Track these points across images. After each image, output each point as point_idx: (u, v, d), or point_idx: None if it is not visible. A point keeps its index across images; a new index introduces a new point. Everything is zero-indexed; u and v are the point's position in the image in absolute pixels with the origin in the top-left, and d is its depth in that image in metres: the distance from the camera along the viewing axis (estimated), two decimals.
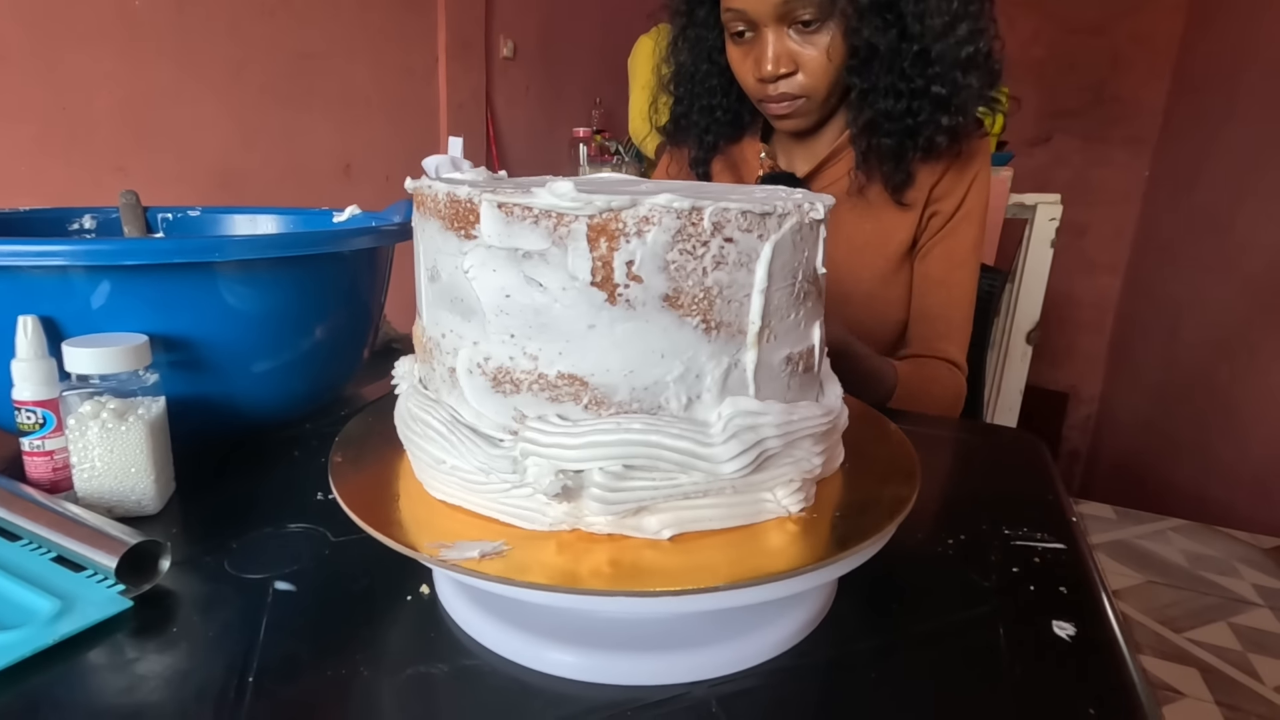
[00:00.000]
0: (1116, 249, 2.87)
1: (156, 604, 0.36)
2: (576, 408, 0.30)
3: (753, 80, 0.73)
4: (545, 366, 0.30)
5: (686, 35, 0.79)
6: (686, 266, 0.28)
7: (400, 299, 0.75)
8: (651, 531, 0.30)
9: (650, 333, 0.29)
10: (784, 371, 0.32)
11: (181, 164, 1.47)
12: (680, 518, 0.30)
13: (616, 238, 0.28)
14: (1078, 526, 0.45)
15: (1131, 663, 0.32)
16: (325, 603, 0.36)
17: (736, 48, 0.73)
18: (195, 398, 0.50)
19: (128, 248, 0.45)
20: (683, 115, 0.83)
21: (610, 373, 0.29)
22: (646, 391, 0.29)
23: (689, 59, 0.80)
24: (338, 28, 1.74)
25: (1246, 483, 1.92)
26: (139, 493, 0.43)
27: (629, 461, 0.29)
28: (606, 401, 0.30)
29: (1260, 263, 1.99)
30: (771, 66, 0.69)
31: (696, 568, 0.28)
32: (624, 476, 0.29)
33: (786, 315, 0.32)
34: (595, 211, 0.28)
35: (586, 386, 0.29)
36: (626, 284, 0.28)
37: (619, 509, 0.30)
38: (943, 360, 0.77)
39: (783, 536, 0.31)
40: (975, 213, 0.77)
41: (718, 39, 0.76)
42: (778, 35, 0.69)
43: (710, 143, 0.83)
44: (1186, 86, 2.58)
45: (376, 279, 0.63)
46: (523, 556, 0.29)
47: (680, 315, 0.29)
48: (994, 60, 0.70)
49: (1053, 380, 2.97)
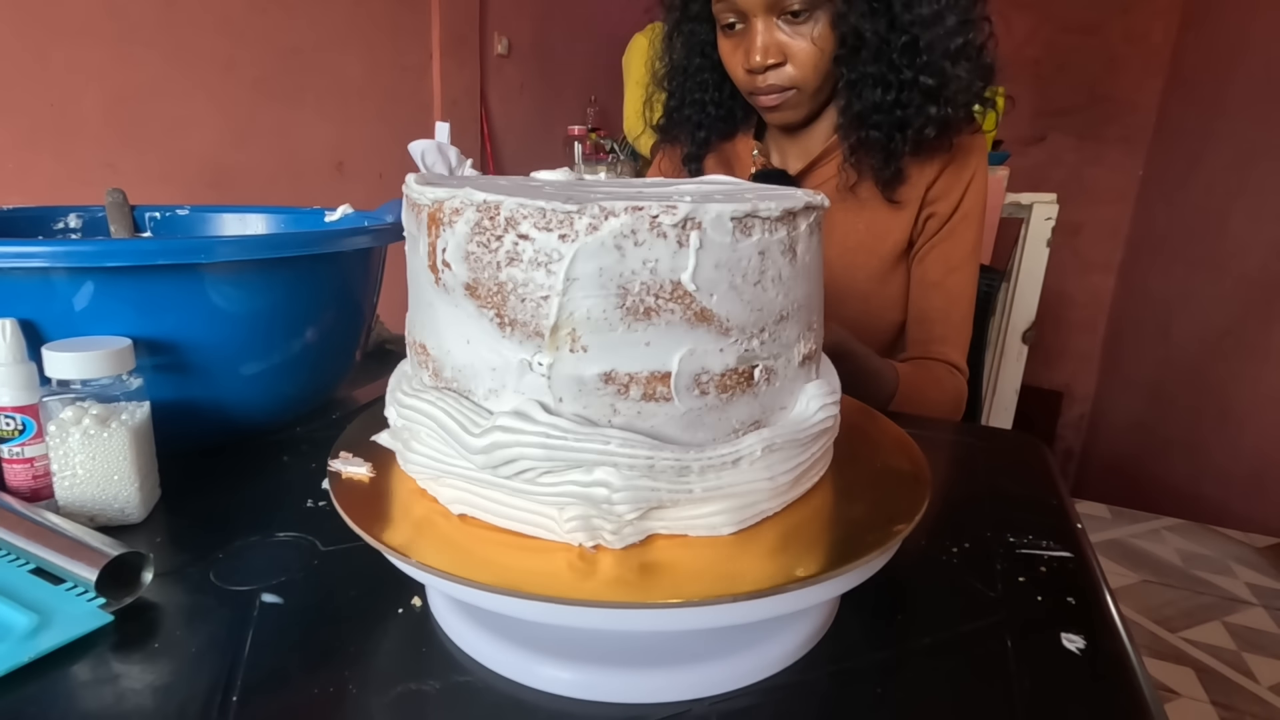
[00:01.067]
0: (1110, 248, 2.87)
1: (138, 617, 0.35)
2: (426, 374, 0.34)
3: (742, 72, 0.72)
4: (413, 334, 0.35)
5: (680, 30, 0.79)
6: (483, 259, 0.29)
7: (393, 299, 0.74)
8: (445, 500, 0.32)
9: (459, 318, 0.30)
10: (607, 391, 0.29)
11: (171, 161, 1.45)
12: (462, 498, 0.31)
13: (439, 225, 0.30)
14: (1083, 534, 0.44)
15: (1142, 678, 0.31)
16: (313, 616, 0.35)
17: (727, 40, 0.73)
18: (181, 402, 0.49)
19: (110, 249, 0.44)
20: (676, 110, 0.83)
21: (439, 348, 0.32)
22: (460, 373, 0.31)
23: (682, 54, 0.80)
24: (330, 22, 1.72)
25: (1240, 481, 1.93)
26: (122, 501, 0.42)
27: (428, 429, 0.31)
28: (439, 374, 0.33)
29: (1252, 262, 2.00)
30: (760, 57, 0.69)
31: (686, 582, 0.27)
32: (421, 441, 0.32)
33: (611, 328, 0.28)
34: (428, 202, 0.30)
35: (429, 356, 0.33)
36: (442, 269, 0.30)
37: (414, 471, 0.33)
38: (943, 362, 0.76)
39: (785, 550, 0.30)
40: (973, 214, 0.76)
41: (710, 34, 0.76)
42: (767, 25, 0.69)
43: (703, 139, 0.82)
44: (1179, 86, 2.59)
45: (369, 279, 0.62)
46: (518, 566, 0.28)
47: (478, 305, 0.30)
48: (985, 54, 0.70)
49: (1047, 379, 2.98)
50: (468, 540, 0.30)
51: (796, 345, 0.33)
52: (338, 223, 0.67)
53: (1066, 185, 2.61)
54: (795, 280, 0.31)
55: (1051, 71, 2.79)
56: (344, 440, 0.38)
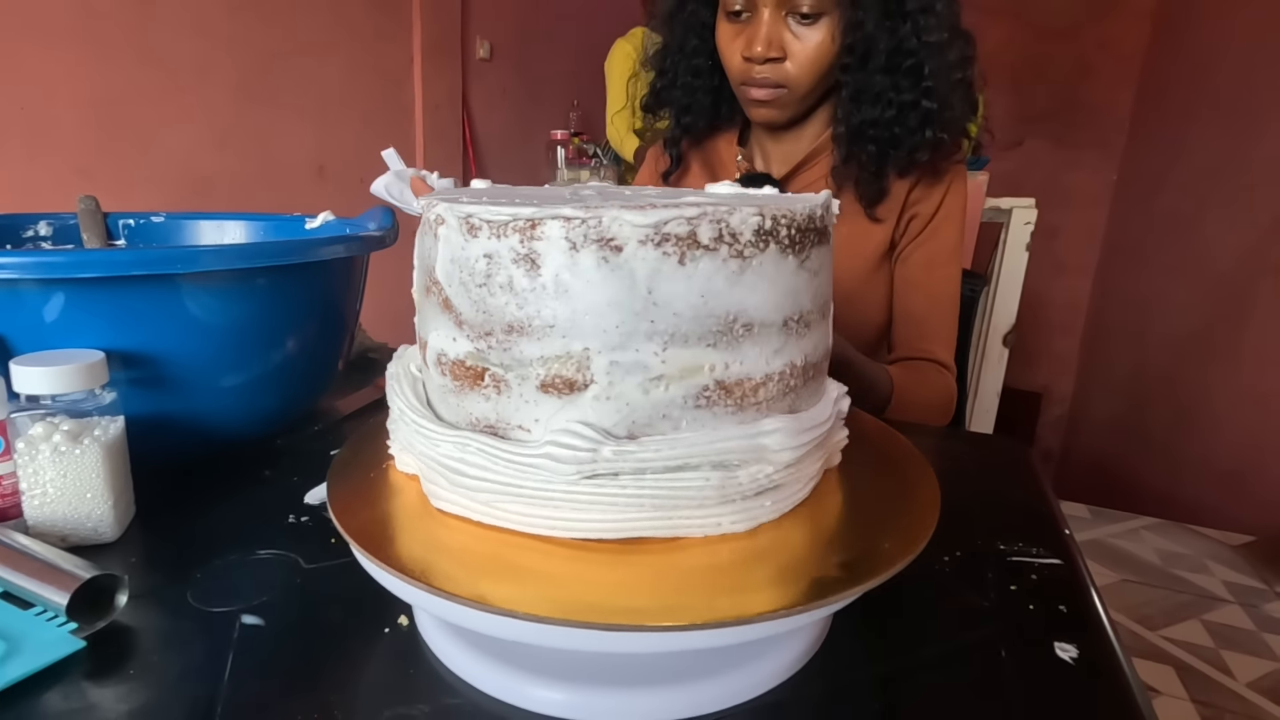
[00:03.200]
0: (1087, 251, 2.92)
1: (112, 642, 0.34)
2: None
3: (739, 60, 0.72)
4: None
5: (682, 8, 0.78)
6: None
7: (376, 307, 0.73)
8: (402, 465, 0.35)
9: None
10: (436, 372, 0.33)
11: (148, 166, 1.43)
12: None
13: None
14: (1071, 540, 0.44)
15: (1135, 686, 0.31)
16: (296, 637, 0.34)
17: (730, 25, 0.73)
18: (157, 416, 0.47)
19: (82, 259, 0.42)
20: (665, 90, 0.82)
21: None
22: None
23: (680, 32, 0.79)
24: (309, 26, 1.70)
25: (1214, 480, 1.97)
26: (95, 519, 0.41)
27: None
28: None
29: (1224, 264, 2.04)
30: (762, 48, 0.69)
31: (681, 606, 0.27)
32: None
33: (424, 313, 0.34)
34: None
35: None
36: None
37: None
38: (931, 361, 0.76)
39: (788, 568, 0.29)
40: (954, 214, 0.77)
41: (710, 18, 0.76)
42: (775, 19, 0.69)
43: (688, 123, 0.82)
44: (1151, 92, 2.64)
45: (351, 287, 0.61)
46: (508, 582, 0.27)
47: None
48: (973, 93, 0.72)
49: (1026, 381, 3.02)
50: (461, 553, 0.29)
51: (534, 366, 0.29)
52: (319, 230, 0.65)
53: (1044, 189, 2.65)
54: (537, 295, 0.28)
55: (1028, 77, 2.84)
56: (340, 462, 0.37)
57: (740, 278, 0.29)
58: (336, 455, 0.38)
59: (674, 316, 0.28)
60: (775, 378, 0.31)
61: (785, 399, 0.32)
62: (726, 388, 0.30)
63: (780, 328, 0.30)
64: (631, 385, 0.29)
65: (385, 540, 0.30)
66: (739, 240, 0.28)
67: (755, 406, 0.30)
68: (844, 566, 0.28)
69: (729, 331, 0.29)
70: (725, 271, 0.28)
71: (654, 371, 0.29)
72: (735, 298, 0.29)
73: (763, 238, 0.29)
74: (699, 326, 0.29)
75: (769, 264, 0.29)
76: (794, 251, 0.30)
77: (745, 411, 0.30)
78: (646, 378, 0.29)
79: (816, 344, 0.33)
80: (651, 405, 0.29)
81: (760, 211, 0.29)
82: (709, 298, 0.28)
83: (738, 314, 0.29)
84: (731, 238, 0.28)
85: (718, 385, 0.29)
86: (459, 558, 0.29)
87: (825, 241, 0.33)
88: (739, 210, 0.28)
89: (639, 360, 0.28)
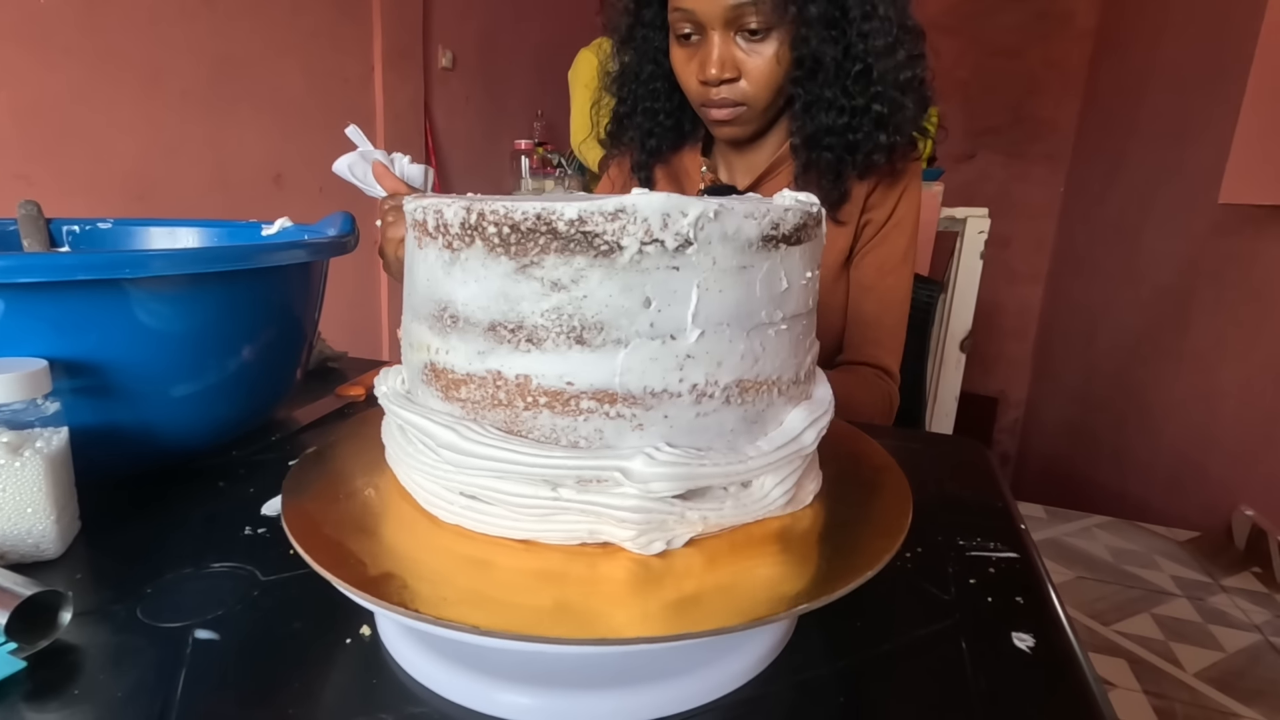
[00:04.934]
0: (1037, 260, 3.03)
1: (56, 662, 0.32)
2: None
3: (695, 83, 0.73)
4: None
5: (633, 35, 0.79)
6: None
7: (335, 315, 0.72)
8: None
9: None
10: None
11: (93, 172, 1.38)
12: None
13: None
14: (1027, 534, 0.46)
15: (1089, 673, 0.32)
16: (253, 651, 0.33)
17: (682, 49, 0.74)
18: (104, 427, 0.46)
19: (22, 263, 0.41)
20: (626, 117, 0.83)
21: None
22: None
23: (634, 60, 0.80)
24: (266, 31, 1.67)
25: (1160, 479, 2.05)
26: (37, 535, 0.39)
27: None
28: None
29: (1165, 272, 2.14)
30: (715, 70, 0.70)
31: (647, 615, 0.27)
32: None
33: None
34: None
35: None
36: None
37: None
38: (872, 366, 0.78)
39: (768, 570, 0.29)
40: (907, 221, 0.79)
41: (663, 41, 0.77)
42: (724, 40, 0.70)
43: (653, 147, 0.83)
44: (1095, 107, 2.76)
45: (310, 294, 0.59)
46: (473, 589, 0.27)
47: None
48: (925, 88, 0.73)
49: (983, 386, 3.11)
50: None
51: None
52: (275, 236, 0.64)
53: (996, 200, 2.75)
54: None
55: (979, 92, 2.94)
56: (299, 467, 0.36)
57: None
58: (294, 465, 0.37)
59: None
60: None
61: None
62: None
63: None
64: None
65: (344, 552, 0.29)
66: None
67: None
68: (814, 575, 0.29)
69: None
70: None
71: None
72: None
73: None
74: None
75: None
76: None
77: None
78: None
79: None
80: None
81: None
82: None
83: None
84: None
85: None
86: (422, 567, 0.29)
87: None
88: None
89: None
